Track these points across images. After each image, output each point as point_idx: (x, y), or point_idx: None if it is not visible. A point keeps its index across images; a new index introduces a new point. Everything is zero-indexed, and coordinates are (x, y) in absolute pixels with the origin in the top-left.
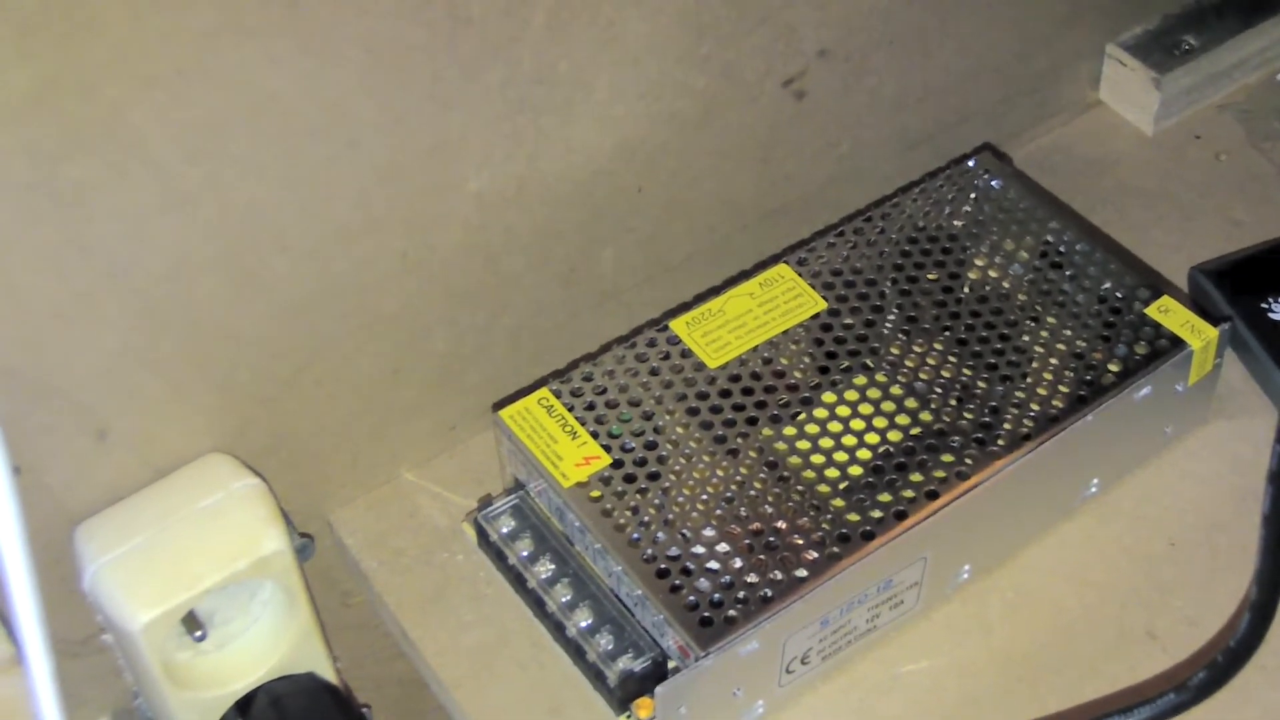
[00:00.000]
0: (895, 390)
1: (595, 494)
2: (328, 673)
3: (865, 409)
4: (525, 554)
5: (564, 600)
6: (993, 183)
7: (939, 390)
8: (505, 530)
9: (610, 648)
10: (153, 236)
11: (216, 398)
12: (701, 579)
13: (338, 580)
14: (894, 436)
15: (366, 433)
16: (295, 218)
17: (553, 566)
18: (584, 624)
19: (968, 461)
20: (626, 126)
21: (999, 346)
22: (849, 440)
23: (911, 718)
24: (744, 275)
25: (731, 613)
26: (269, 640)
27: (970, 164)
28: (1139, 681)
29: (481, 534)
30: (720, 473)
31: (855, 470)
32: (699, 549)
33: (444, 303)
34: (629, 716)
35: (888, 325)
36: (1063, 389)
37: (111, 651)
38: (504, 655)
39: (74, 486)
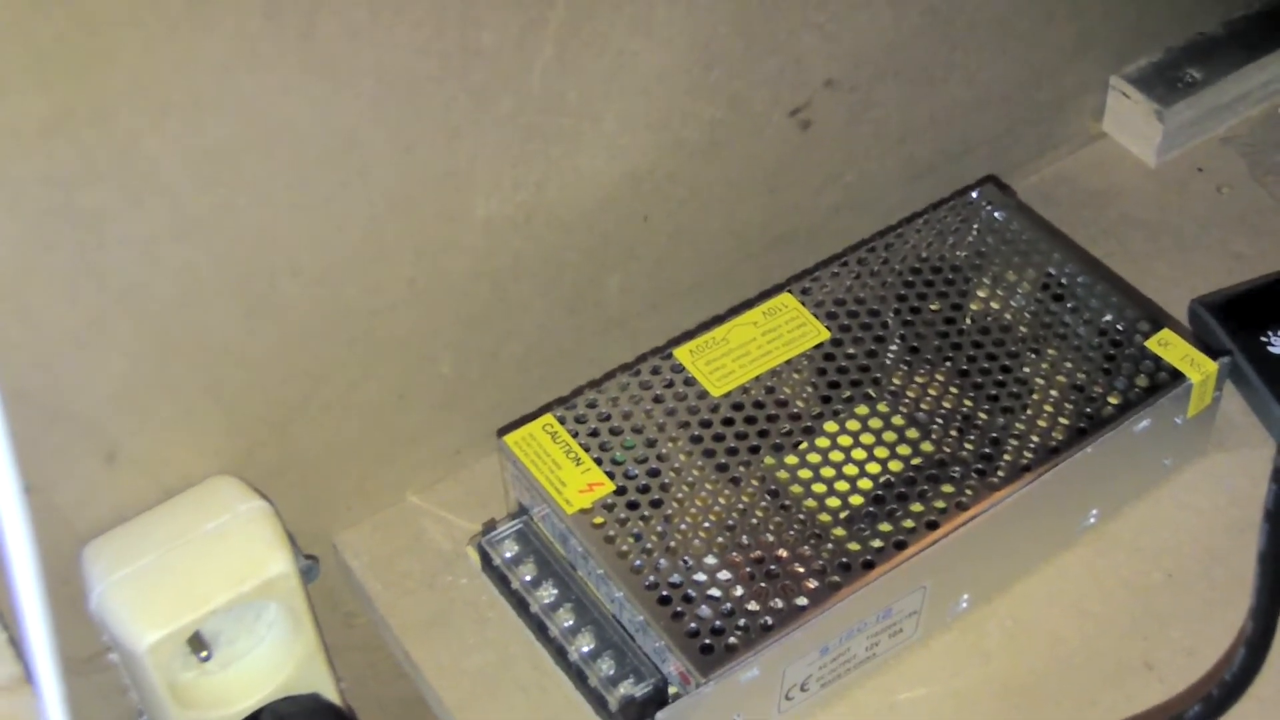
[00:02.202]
0: (897, 420)
1: (598, 520)
2: (331, 693)
3: (867, 439)
4: (528, 579)
5: (566, 625)
6: (995, 214)
7: (940, 421)
8: (509, 555)
9: (612, 673)
10: (165, 262)
11: (225, 421)
12: (703, 606)
13: (341, 601)
14: (895, 466)
15: (372, 456)
16: (306, 244)
17: (555, 591)
18: (586, 649)
19: (968, 492)
20: (634, 155)
21: (1000, 378)
22: (850, 470)
23: None
24: (748, 304)
25: (732, 640)
26: (274, 661)
27: (973, 195)
28: (1136, 713)
29: (485, 558)
30: (722, 501)
31: (856, 500)
32: (701, 576)
33: (451, 328)
34: None
35: (890, 355)
36: (1063, 421)
37: (117, 670)
38: (506, 679)
39: (82, 507)
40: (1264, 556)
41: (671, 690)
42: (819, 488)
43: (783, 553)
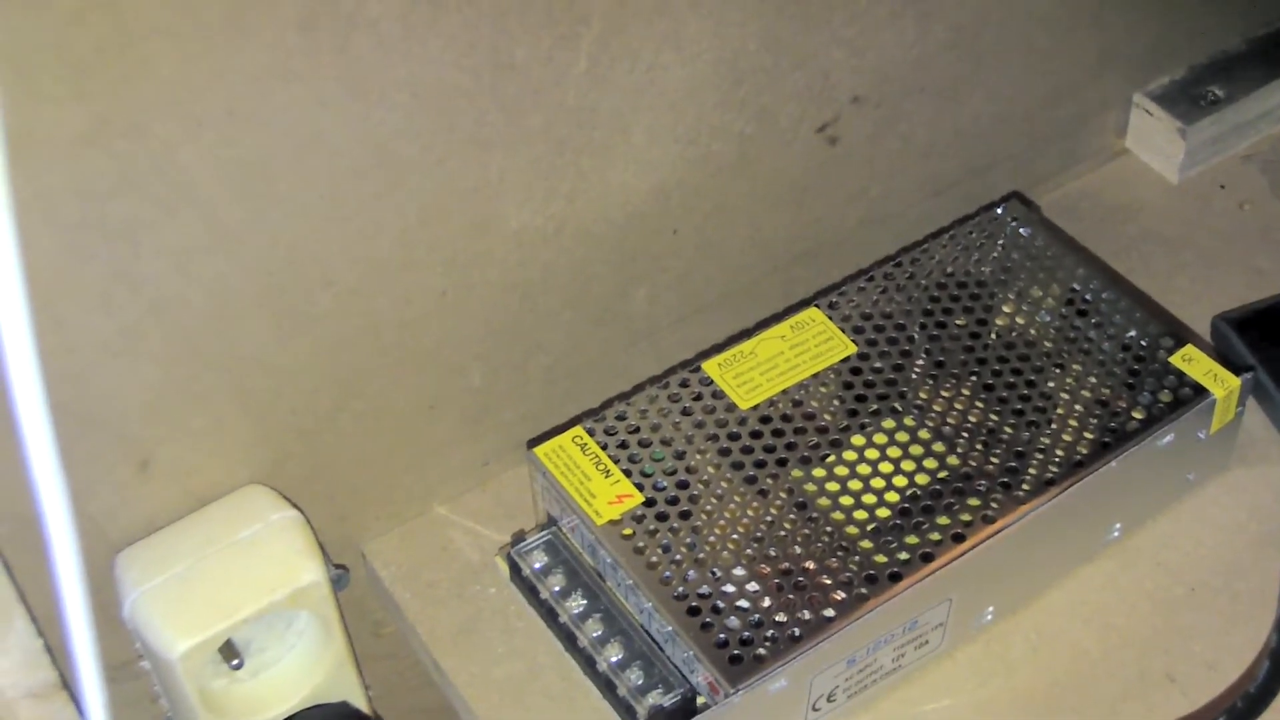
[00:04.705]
0: (923, 434)
1: (627, 531)
2: (360, 702)
3: (893, 452)
4: (557, 589)
5: (595, 635)
6: (1020, 230)
7: (965, 435)
8: (538, 565)
9: (640, 683)
10: (198, 273)
11: (256, 431)
12: (731, 617)
13: (370, 610)
14: (921, 480)
15: (402, 466)
16: (338, 255)
17: (584, 602)
18: (614, 659)
19: (993, 505)
20: (663, 169)
21: (1025, 392)
22: (877, 482)
23: None
24: (775, 318)
25: (761, 651)
26: (304, 669)
27: (999, 211)
28: None
29: (514, 568)
30: (750, 512)
31: (883, 512)
32: (729, 587)
33: (481, 340)
34: None
35: (916, 370)
36: (1087, 435)
37: (147, 678)
38: (534, 688)
39: (115, 515)
40: None
41: (700, 700)
42: (846, 500)
43: (810, 564)
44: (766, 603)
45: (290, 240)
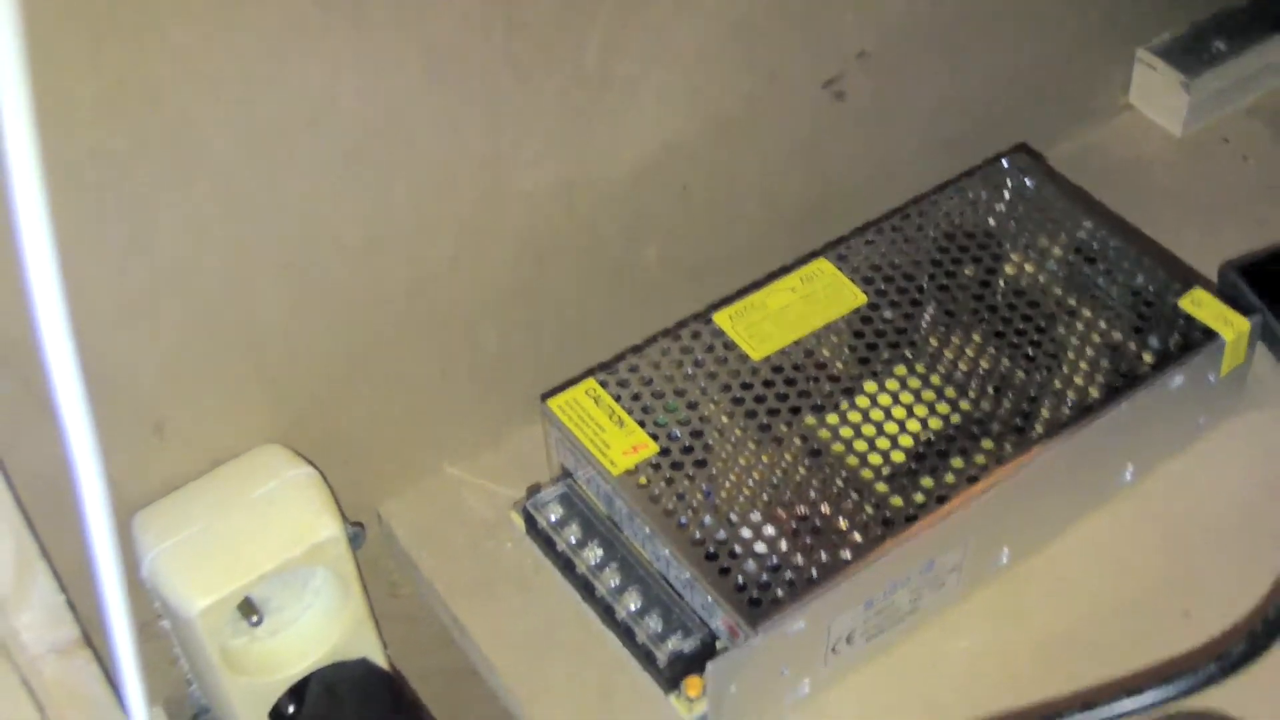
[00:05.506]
0: (935, 380)
1: (643, 481)
2: (380, 659)
3: (906, 398)
4: (574, 540)
5: (613, 584)
6: (1027, 181)
7: (977, 381)
8: (554, 518)
9: (659, 629)
10: (213, 237)
11: (270, 394)
12: (749, 561)
13: (386, 571)
14: (935, 424)
15: (416, 428)
16: (351, 220)
17: (601, 552)
18: (633, 607)
19: (1007, 448)
20: (674, 128)
21: (1035, 339)
22: (891, 428)
23: (952, 697)
24: (785, 270)
25: (779, 593)
26: (323, 626)
27: (1005, 163)
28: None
29: (530, 522)
30: (765, 460)
31: (898, 456)
32: (746, 533)
33: (493, 301)
34: (679, 695)
35: (926, 319)
36: (1099, 379)
37: (167, 638)
38: (554, 640)
39: (132, 477)
40: None
41: (719, 644)
42: (860, 445)
43: (826, 509)
44: (783, 547)
45: (303, 206)
